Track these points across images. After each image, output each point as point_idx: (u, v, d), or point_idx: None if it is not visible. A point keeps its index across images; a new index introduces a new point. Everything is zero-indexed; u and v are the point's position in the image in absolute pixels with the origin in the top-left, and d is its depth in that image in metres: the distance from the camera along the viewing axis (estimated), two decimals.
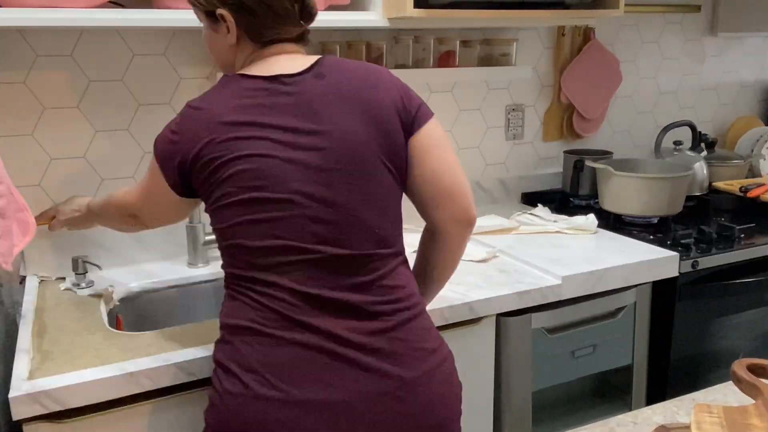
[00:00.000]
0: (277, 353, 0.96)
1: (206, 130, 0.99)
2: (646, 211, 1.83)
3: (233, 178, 0.97)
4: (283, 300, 0.97)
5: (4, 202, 1.07)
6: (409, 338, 1.00)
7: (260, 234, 0.97)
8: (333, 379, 0.95)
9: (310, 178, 0.97)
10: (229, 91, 1.02)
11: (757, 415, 0.74)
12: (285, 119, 0.99)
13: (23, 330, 1.23)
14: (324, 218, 0.97)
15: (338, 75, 1.03)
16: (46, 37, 1.49)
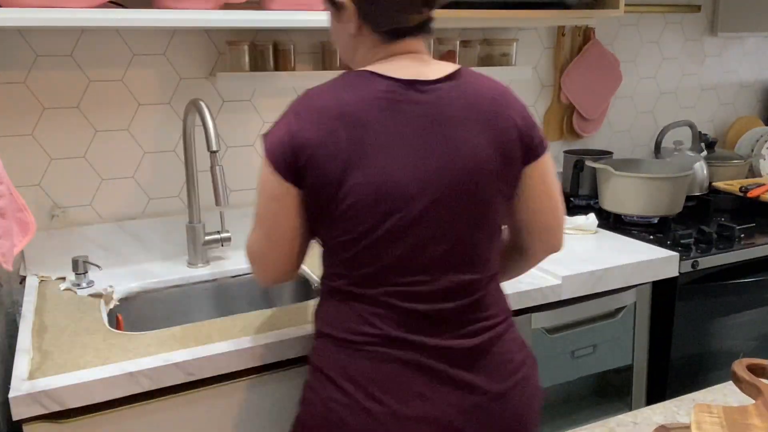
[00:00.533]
0: (381, 369, 0.97)
1: (328, 123, 0.93)
2: (646, 211, 1.83)
3: (355, 188, 0.93)
4: (389, 318, 0.97)
5: (4, 202, 1.07)
6: (501, 352, 1.02)
7: (378, 250, 0.95)
8: (431, 394, 0.97)
9: (433, 197, 0.94)
10: (355, 88, 0.96)
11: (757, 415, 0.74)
12: (415, 129, 0.94)
13: (23, 330, 1.23)
14: (441, 240, 0.96)
15: (473, 91, 0.99)
16: (46, 37, 1.49)
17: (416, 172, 0.94)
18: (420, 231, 0.95)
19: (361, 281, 0.97)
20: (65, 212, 1.57)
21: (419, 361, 0.97)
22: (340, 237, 0.96)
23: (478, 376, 0.99)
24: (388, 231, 0.94)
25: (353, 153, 0.92)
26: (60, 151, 1.55)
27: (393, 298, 0.97)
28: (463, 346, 0.99)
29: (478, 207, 0.97)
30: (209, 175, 1.45)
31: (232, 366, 1.15)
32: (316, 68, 1.76)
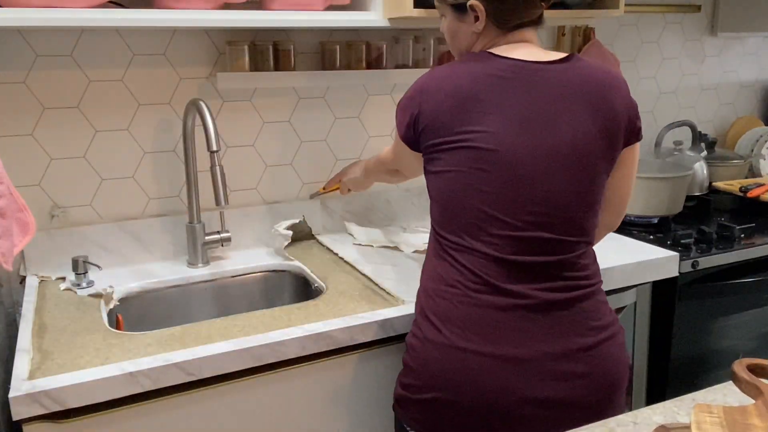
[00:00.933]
0: (477, 313, 1.07)
1: (448, 97, 1.07)
2: (646, 211, 1.83)
3: (463, 151, 1.07)
4: (486, 267, 1.07)
5: (4, 202, 1.07)
6: (589, 309, 1.11)
7: (478, 204, 1.07)
8: (524, 339, 1.06)
9: (537, 164, 1.05)
10: (471, 67, 1.09)
11: (757, 415, 0.74)
12: (524, 101, 1.06)
13: (23, 330, 1.23)
14: (541, 203, 1.06)
15: (585, 73, 1.10)
16: (46, 37, 1.49)
17: (518, 138, 1.05)
18: (516, 190, 1.05)
19: (461, 231, 1.09)
20: (65, 212, 1.57)
21: (515, 307, 1.07)
22: (445, 192, 1.10)
23: (566, 328, 1.08)
24: (484, 188, 1.06)
25: (458, 121, 1.06)
26: (60, 151, 1.55)
27: (490, 249, 1.07)
28: (554, 299, 1.08)
29: (580, 179, 1.08)
30: (209, 175, 1.45)
31: (232, 366, 1.15)
32: (316, 68, 1.76)
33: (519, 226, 1.06)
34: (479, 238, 1.08)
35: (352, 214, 1.87)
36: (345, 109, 1.84)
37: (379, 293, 1.40)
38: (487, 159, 1.05)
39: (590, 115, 1.08)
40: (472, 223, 1.08)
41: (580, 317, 1.10)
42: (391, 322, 1.28)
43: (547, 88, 1.07)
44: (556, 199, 1.07)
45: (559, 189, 1.07)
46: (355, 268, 1.56)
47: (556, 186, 1.06)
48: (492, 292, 1.07)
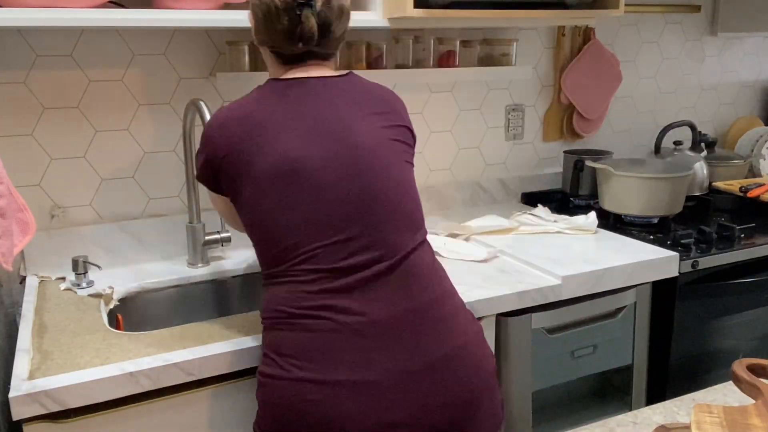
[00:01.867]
0: (306, 338, 1.01)
1: (230, 131, 1.07)
2: (646, 211, 1.83)
3: (257, 173, 1.05)
4: (311, 286, 1.03)
5: (4, 202, 1.07)
6: (435, 317, 1.05)
7: (285, 223, 1.05)
8: (364, 360, 0.99)
9: (341, 168, 1.06)
10: (255, 95, 1.11)
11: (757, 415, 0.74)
12: (306, 112, 1.08)
13: (23, 330, 1.23)
14: (345, 213, 1.05)
15: (362, 85, 1.15)
16: (46, 37, 1.49)
17: (315, 148, 1.05)
18: (318, 202, 1.03)
19: (278, 258, 1.05)
20: (65, 212, 1.57)
21: (348, 325, 1.01)
22: (254, 221, 1.06)
23: (410, 343, 1.02)
24: (289, 204, 1.03)
25: (249, 146, 1.05)
26: (60, 151, 1.55)
27: (310, 265, 1.03)
28: (394, 311, 1.02)
29: (383, 174, 1.07)
30: None
31: (232, 366, 1.15)
32: None
33: (339, 234, 1.03)
34: (291, 259, 1.04)
35: None
36: None
37: None
38: (290, 175, 1.03)
39: (378, 118, 1.12)
40: (290, 244, 1.03)
41: (426, 328, 1.03)
42: None
43: (335, 97, 1.10)
44: (374, 197, 1.06)
45: (356, 191, 1.05)
46: None
47: (353, 189, 1.05)
48: (322, 314, 1.01)
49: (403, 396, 0.99)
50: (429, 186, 2.00)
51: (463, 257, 1.60)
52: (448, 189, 2.03)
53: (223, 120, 1.08)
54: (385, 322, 1.01)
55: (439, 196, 2.02)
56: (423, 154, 1.99)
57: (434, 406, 1.00)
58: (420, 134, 1.97)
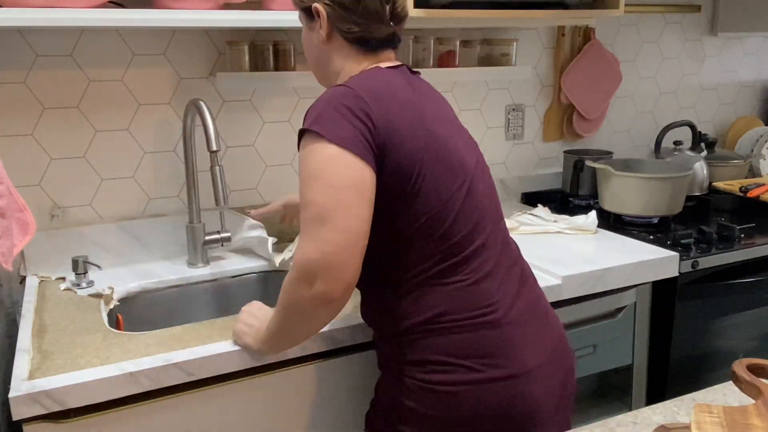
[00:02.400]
0: (475, 338, 1.02)
1: (395, 106, 1.01)
2: (646, 211, 1.83)
3: (428, 164, 1.03)
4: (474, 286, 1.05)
5: (4, 202, 1.07)
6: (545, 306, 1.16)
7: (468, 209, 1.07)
8: (528, 347, 1.05)
9: (475, 164, 1.09)
10: (382, 78, 1.04)
11: (757, 415, 0.74)
12: (439, 106, 1.11)
13: (23, 330, 1.23)
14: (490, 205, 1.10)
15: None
16: (46, 37, 1.49)
17: (462, 143, 1.08)
18: (476, 199, 1.07)
19: (447, 253, 1.03)
20: (65, 212, 1.57)
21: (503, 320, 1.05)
22: (419, 218, 1.01)
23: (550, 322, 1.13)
24: (459, 203, 1.04)
25: (421, 131, 1.00)
26: (60, 151, 1.55)
27: (477, 262, 1.05)
28: (529, 300, 1.10)
29: (489, 176, 1.15)
30: (209, 175, 1.45)
31: (232, 366, 1.15)
32: None
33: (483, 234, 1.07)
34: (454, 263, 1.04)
35: None
36: None
37: None
38: (456, 168, 1.04)
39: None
40: (459, 238, 1.04)
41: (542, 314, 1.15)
42: None
43: (428, 91, 1.13)
44: (494, 201, 1.13)
45: (487, 188, 1.11)
46: None
47: (485, 186, 1.11)
48: (485, 312, 1.05)
49: (552, 372, 1.08)
50: None
51: None
52: None
53: (374, 92, 0.99)
54: (518, 313, 1.06)
55: None
56: None
57: (563, 377, 1.10)
58: None
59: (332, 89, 1.00)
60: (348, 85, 0.99)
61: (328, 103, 0.97)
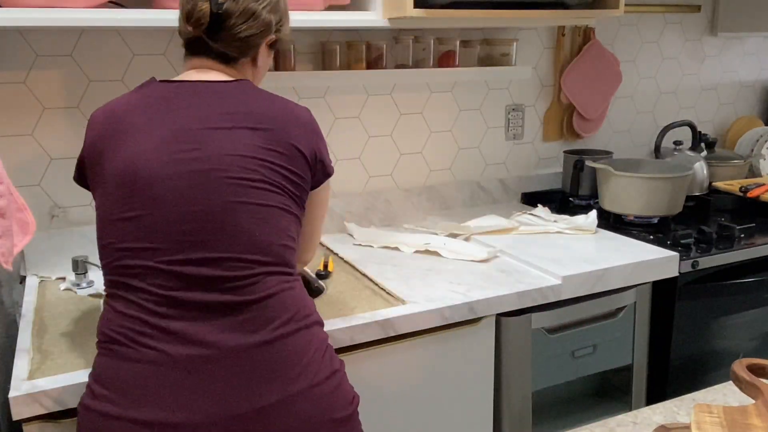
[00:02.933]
0: (129, 369, 0.92)
1: (100, 124, 1.03)
2: (646, 211, 1.83)
3: (108, 173, 1.00)
4: (143, 309, 0.94)
5: (4, 202, 1.07)
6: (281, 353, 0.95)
7: (127, 234, 0.97)
8: (183, 398, 0.90)
9: (172, 183, 0.96)
10: (133, 93, 1.06)
11: (757, 415, 0.74)
12: (172, 119, 1.00)
13: (23, 330, 1.23)
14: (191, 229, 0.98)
15: (256, 97, 1.05)
16: (46, 37, 1.49)
17: (159, 158, 0.96)
18: (162, 215, 0.95)
19: (112, 271, 0.97)
20: (65, 212, 1.57)
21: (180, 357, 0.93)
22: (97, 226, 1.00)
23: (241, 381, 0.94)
24: (130, 215, 0.95)
25: (107, 144, 0.99)
26: (60, 151, 1.54)
27: (139, 283, 0.95)
28: (235, 344, 0.94)
29: (237, 196, 0.97)
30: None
31: None
32: (316, 68, 1.76)
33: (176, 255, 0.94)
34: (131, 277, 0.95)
35: (352, 214, 1.87)
36: (345, 109, 1.84)
37: (379, 293, 1.40)
38: (129, 184, 0.95)
39: (254, 133, 1.00)
40: (121, 259, 0.95)
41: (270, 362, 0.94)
42: (391, 322, 1.28)
43: (210, 104, 1.01)
44: (214, 219, 0.95)
45: (210, 209, 0.95)
46: (356, 268, 1.56)
47: (206, 206, 0.95)
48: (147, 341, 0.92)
49: None
50: (429, 186, 2.00)
51: (463, 257, 1.60)
52: (448, 189, 2.03)
53: (93, 114, 1.05)
54: (216, 358, 0.91)
55: (439, 196, 2.02)
56: (423, 154, 1.99)
57: None
58: (420, 134, 1.97)
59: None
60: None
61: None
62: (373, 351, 1.29)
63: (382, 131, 1.91)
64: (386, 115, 1.90)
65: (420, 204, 1.98)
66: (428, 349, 1.35)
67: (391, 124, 1.91)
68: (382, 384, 1.31)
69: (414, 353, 1.33)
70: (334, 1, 1.53)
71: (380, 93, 1.88)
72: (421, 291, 1.40)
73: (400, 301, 1.35)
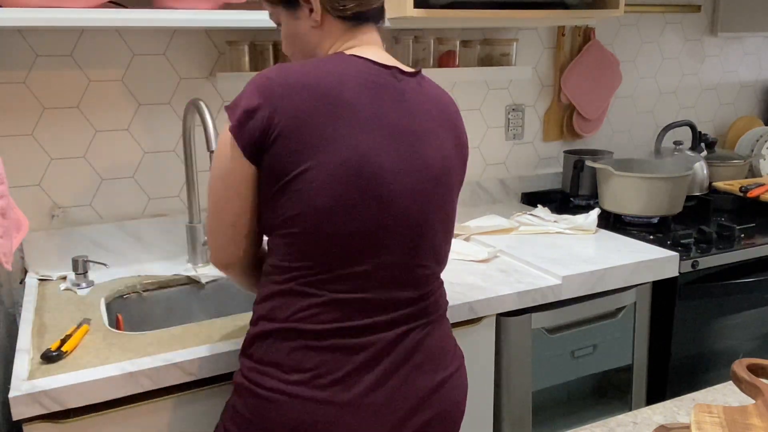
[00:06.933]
0: (329, 357, 0.96)
1: (312, 97, 0.90)
2: (646, 211, 1.83)
3: (323, 165, 0.91)
4: (342, 305, 0.97)
5: (5, 203, 1.07)
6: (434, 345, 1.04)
7: (347, 228, 0.95)
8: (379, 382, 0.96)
9: (404, 184, 0.95)
10: (335, 66, 0.94)
11: (757, 415, 0.74)
12: (395, 114, 0.95)
13: (23, 330, 1.23)
14: (406, 230, 0.97)
15: (435, 93, 1.03)
16: (46, 37, 1.49)
17: (390, 156, 0.93)
18: (385, 217, 0.93)
19: (321, 263, 0.94)
20: (65, 212, 1.57)
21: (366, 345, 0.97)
22: (302, 212, 0.91)
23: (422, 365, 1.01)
24: (354, 214, 0.92)
25: (327, 129, 0.89)
26: (60, 151, 1.55)
27: (348, 283, 0.95)
28: (409, 334, 0.99)
29: (440, 202, 1.00)
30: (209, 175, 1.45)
31: (232, 366, 1.15)
32: None
33: (378, 258, 0.94)
34: (336, 276, 0.94)
35: None
36: None
37: None
38: (358, 176, 0.91)
39: (448, 135, 1.01)
40: (335, 252, 0.93)
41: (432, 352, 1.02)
42: None
43: (411, 100, 0.97)
44: (422, 224, 0.97)
45: (424, 212, 0.97)
46: None
47: (422, 209, 0.96)
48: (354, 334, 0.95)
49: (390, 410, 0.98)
50: None
51: (463, 257, 1.60)
52: None
53: (293, 81, 0.90)
54: (397, 344, 0.98)
55: None
56: None
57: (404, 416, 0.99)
58: None
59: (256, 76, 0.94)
60: (275, 70, 0.93)
61: (245, 89, 0.93)
62: None
63: None
64: None
65: None
66: None
67: None
68: None
69: None
70: None
71: None
72: None
73: None
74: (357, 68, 0.95)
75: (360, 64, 0.95)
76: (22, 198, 1.53)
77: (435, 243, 1.00)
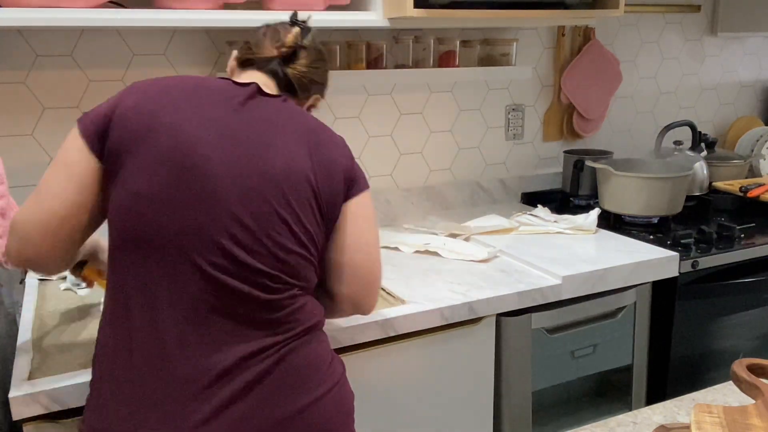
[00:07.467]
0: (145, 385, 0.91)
1: (149, 94, 0.96)
2: (646, 211, 1.83)
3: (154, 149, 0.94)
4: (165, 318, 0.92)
5: (4, 203, 1.07)
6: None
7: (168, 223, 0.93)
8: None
9: (234, 182, 0.94)
10: (202, 78, 1.02)
11: (757, 415, 0.74)
12: (234, 120, 0.96)
13: (23, 330, 1.23)
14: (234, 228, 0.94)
15: (299, 111, 1.04)
16: (46, 37, 1.49)
17: (218, 152, 0.91)
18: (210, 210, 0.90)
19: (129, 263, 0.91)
20: None
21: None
22: (117, 203, 0.92)
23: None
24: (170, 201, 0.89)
25: (157, 114, 0.91)
26: None
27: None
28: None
29: (282, 209, 0.94)
30: None
31: None
32: None
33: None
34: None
35: None
36: (345, 109, 1.84)
37: (379, 293, 1.40)
38: (178, 166, 0.89)
39: (303, 152, 0.96)
40: (151, 251, 0.89)
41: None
42: (391, 322, 1.28)
43: (263, 114, 0.97)
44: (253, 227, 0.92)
45: (259, 217, 0.92)
46: None
47: (256, 213, 0.91)
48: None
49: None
50: (429, 186, 2.00)
51: (463, 257, 1.60)
52: (448, 189, 2.03)
53: (142, 85, 0.96)
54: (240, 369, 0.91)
55: (439, 196, 2.02)
56: (423, 154, 1.99)
57: None
58: (420, 134, 1.97)
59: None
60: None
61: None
62: (373, 351, 1.29)
63: (382, 131, 1.91)
64: (386, 115, 1.90)
65: (420, 204, 1.98)
66: (428, 349, 1.35)
67: (391, 124, 1.91)
68: (382, 384, 1.31)
69: (414, 353, 1.33)
70: (334, 1, 1.53)
71: (380, 93, 1.88)
72: (421, 291, 1.40)
73: (400, 301, 1.35)
74: (216, 82, 0.99)
75: (220, 81, 1.00)
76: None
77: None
